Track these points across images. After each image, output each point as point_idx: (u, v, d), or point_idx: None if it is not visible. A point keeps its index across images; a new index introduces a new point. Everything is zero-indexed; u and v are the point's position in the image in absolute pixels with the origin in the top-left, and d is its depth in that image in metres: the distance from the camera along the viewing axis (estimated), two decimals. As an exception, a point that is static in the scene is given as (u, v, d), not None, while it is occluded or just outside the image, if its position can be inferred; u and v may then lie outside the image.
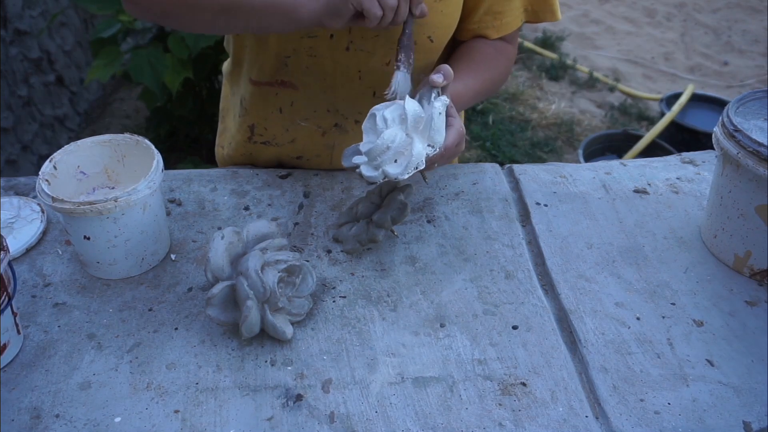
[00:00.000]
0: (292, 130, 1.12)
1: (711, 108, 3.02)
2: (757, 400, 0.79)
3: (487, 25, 1.06)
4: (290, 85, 1.06)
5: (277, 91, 1.08)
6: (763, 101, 0.98)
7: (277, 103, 1.10)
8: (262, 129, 1.14)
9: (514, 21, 1.07)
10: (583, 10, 4.18)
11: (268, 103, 1.10)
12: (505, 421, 0.77)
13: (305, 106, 1.09)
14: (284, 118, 1.11)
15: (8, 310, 0.81)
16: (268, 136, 1.14)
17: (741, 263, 0.96)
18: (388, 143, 0.87)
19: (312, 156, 1.15)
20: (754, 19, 4.13)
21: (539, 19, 1.09)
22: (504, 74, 1.12)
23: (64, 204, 0.86)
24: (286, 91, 1.07)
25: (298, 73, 1.04)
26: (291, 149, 1.15)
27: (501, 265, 0.97)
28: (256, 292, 0.82)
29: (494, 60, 1.07)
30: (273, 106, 1.10)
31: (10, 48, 2.51)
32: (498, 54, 1.08)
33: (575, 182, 1.13)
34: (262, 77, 1.07)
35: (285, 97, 1.08)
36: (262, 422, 0.76)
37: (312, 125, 1.11)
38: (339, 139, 1.12)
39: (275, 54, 1.03)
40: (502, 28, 1.07)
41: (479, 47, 1.07)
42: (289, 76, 1.05)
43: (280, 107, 1.10)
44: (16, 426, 0.75)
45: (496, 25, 1.06)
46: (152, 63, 2.17)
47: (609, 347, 0.85)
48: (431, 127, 0.88)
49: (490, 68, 1.07)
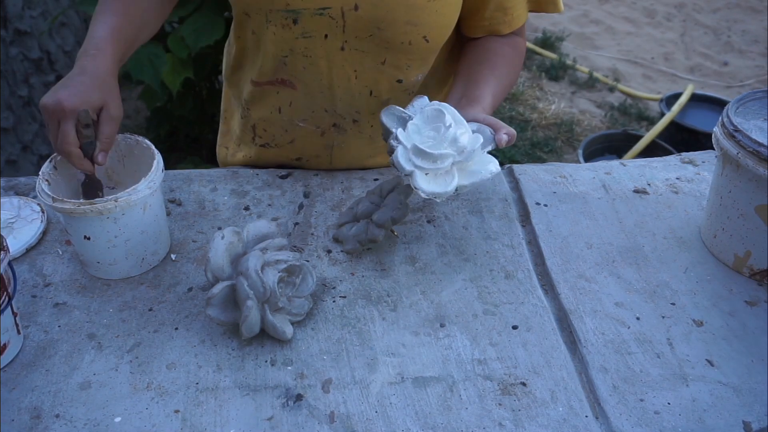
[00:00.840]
0: (291, 130, 1.12)
1: (711, 108, 3.02)
2: (756, 400, 0.79)
3: (499, 21, 1.06)
4: (289, 84, 1.06)
5: (278, 90, 1.08)
6: (763, 101, 0.98)
7: (277, 102, 1.10)
8: (261, 130, 1.14)
9: (522, 13, 1.07)
10: (583, 10, 4.18)
11: (268, 103, 1.11)
12: (505, 421, 0.77)
13: (303, 106, 1.09)
14: (283, 118, 1.11)
15: (8, 310, 0.81)
16: (267, 138, 1.14)
17: (741, 263, 0.96)
18: (440, 161, 0.87)
19: (311, 157, 1.15)
20: (754, 19, 4.13)
21: (541, 8, 1.09)
22: (519, 69, 1.13)
23: (64, 204, 0.86)
24: (286, 90, 1.08)
25: (296, 73, 1.05)
26: (290, 150, 1.15)
27: (501, 265, 0.97)
28: (256, 292, 0.82)
29: (512, 59, 1.08)
30: (272, 106, 1.11)
31: (10, 48, 2.51)
32: (514, 52, 1.09)
33: (575, 182, 1.13)
34: (263, 77, 1.08)
35: (284, 97, 1.09)
36: (262, 422, 0.76)
37: (310, 126, 1.11)
38: (338, 140, 1.12)
39: (273, 55, 1.04)
40: (513, 22, 1.07)
41: (496, 49, 1.07)
42: (288, 74, 1.05)
43: (280, 107, 1.10)
44: (16, 426, 0.76)
45: (507, 20, 1.06)
46: (152, 60, 2.17)
47: (609, 347, 0.85)
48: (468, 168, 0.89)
49: (509, 69, 1.07)
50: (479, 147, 0.89)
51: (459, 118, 0.90)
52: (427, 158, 0.87)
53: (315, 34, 0.99)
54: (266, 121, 1.13)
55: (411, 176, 0.88)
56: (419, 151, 0.87)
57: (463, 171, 0.89)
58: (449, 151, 0.87)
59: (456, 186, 0.88)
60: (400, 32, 0.98)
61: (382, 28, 0.98)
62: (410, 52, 1.01)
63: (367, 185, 1.11)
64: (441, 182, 0.88)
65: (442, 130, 0.88)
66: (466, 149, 0.88)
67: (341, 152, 1.14)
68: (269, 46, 1.03)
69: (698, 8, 4.25)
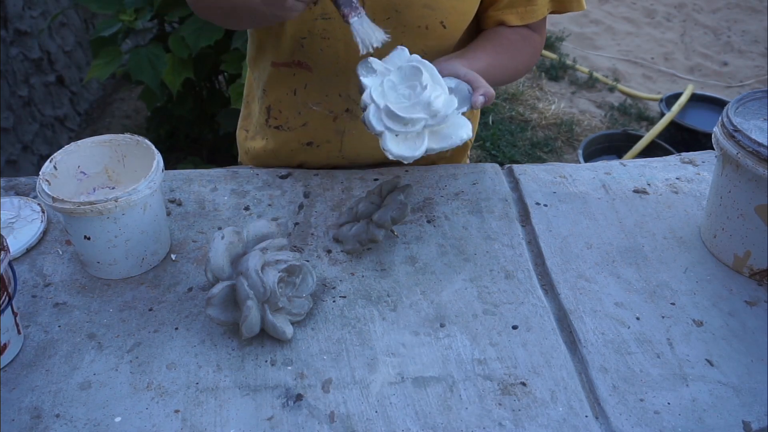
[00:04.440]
0: (305, 113, 1.13)
1: (711, 108, 3.02)
2: (756, 400, 0.79)
3: (513, 10, 1.06)
4: (305, 66, 1.07)
5: (294, 72, 1.09)
6: (763, 101, 0.98)
7: (293, 84, 1.11)
8: (276, 112, 1.15)
9: (540, 9, 1.07)
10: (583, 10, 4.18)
11: (284, 84, 1.12)
12: (505, 421, 0.77)
13: (318, 89, 1.09)
14: (297, 101, 1.12)
15: (8, 310, 0.81)
16: (281, 120, 1.15)
17: (740, 263, 0.96)
18: (411, 125, 0.84)
19: (323, 142, 1.15)
20: (754, 19, 4.13)
21: (565, 8, 1.08)
22: (529, 62, 1.11)
23: (64, 204, 0.86)
24: (302, 72, 1.09)
25: (313, 55, 1.06)
26: (302, 134, 1.15)
27: (501, 265, 0.97)
28: (256, 292, 0.82)
29: (518, 45, 1.07)
30: (288, 87, 1.11)
31: (10, 48, 2.51)
32: (523, 41, 1.08)
33: (575, 182, 1.13)
34: (281, 58, 1.09)
35: (300, 79, 1.10)
36: (262, 422, 0.76)
37: (324, 110, 1.11)
38: (350, 125, 1.12)
39: (291, 36, 1.05)
40: (527, 15, 1.06)
41: (503, 32, 1.07)
42: (305, 57, 1.06)
43: (295, 89, 1.11)
44: (17, 426, 0.76)
45: (520, 11, 1.06)
46: (152, 61, 2.17)
47: (609, 347, 0.86)
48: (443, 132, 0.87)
49: (511, 52, 1.06)
50: (454, 111, 0.87)
51: (437, 77, 0.88)
52: (398, 120, 0.85)
53: (334, 15, 1.00)
54: (281, 103, 1.14)
55: (380, 137, 0.86)
56: (391, 112, 0.85)
57: (434, 134, 0.88)
58: (421, 115, 0.85)
59: (425, 149, 0.87)
60: (417, 15, 0.99)
61: (399, 11, 0.99)
62: (427, 37, 1.01)
63: (367, 185, 1.11)
64: (411, 145, 0.86)
65: (418, 90, 0.86)
66: (439, 113, 0.85)
67: (352, 139, 1.14)
68: (288, 27, 1.04)
69: (698, 8, 4.25)
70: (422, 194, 1.10)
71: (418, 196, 1.09)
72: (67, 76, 2.91)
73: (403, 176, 1.14)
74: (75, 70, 3.00)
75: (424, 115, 0.85)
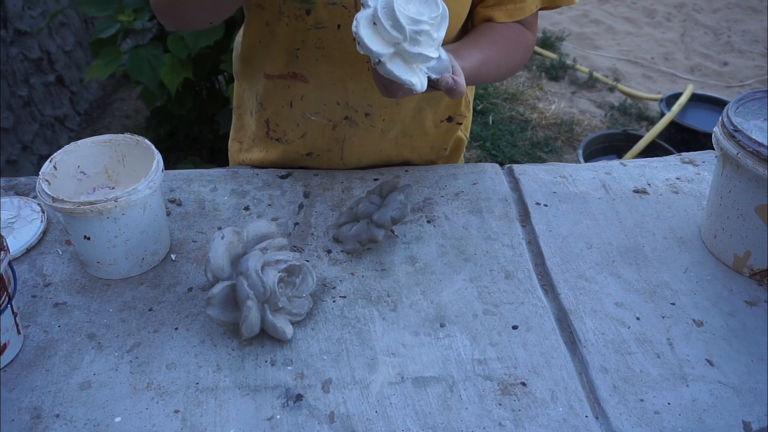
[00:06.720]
0: (303, 124, 1.12)
1: (711, 108, 3.02)
2: (756, 400, 0.79)
3: (502, 8, 1.05)
4: (301, 77, 1.07)
5: (289, 84, 1.08)
6: (763, 101, 0.98)
7: (288, 96, 1.10)
8: (274, 125, 1.14)
9: (528, 6, 1.06)
10: (583, 10, 4.18)
11: (279, 96, 1.11)
12: (505, 421, 0.77)
13: (315, 99, 1.09)
14: (295, 112, 1.11)
15: (8, 310, 0.81)
16: (280, 132, 1.15)
17: (741, 263, 0.96)
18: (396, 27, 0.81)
19: (323, 151, 1.15)
20: (754, 19, 4.14)
21: (555, 3, 1.08)
22: (519, 59, 1.10)
23: (64, 204, 0.86)
24: (298, 84, 1.08)
25: (308, 65, 1.05)
26: (301, 145, 1.14)
27: (501, 265, 0.97)
28: (256, 292, 0.82)
29: (512, 42, 1.07)
30: (283, 99, 1.11)
31: (10, 48, 2.51)
32: (515, 36, 1.07)
33: (575, 182, 1.13)
34: (275, 70, 1.08)
35: (296, 90, 1.09)
36: (262, 422, 0.76)
37: (322, 119, 1.11)
38: (349, 133, 1.12)
39: (285, 47, 1.04)
40: (516, 12, 1.06)
41: (496, 28, 1.06)
42: (300, 68, 1.06)
43: (291, 101, 1.10)
44: (16, 426, 0.76)
45: (509, 9, 1.05)
46: (151, 62, 2.17)
47: (609, 347, 0.86)
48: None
49: (505, 49, 1.05)
50: (429, 51, 0.84)
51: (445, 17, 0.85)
52: (388, 17, 0.82)
53: (328, 25, 0.99)
54: (278, 116, 1.13)
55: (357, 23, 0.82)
56: (389, 6, 0.82)
57: (399, 57, 0.85)
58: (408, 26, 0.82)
59: (388, 57, 0.83)
60: None
61: None
62: None
63: (367, 185, 1.11)
64: (381, 44, 0.83)
65: (425, 16, 0.83)
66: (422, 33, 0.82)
67: (352, 146, 1.14)
68: (282, 38, 1.03)
69: (698, 8, 4.25)
70: (422, 194, 1.10)
71: (418, 196, 1.09)
72: (67, 76, 2.91)
73: (403, 176, 1.14)
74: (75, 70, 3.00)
75: (411, 27, 0.82)
